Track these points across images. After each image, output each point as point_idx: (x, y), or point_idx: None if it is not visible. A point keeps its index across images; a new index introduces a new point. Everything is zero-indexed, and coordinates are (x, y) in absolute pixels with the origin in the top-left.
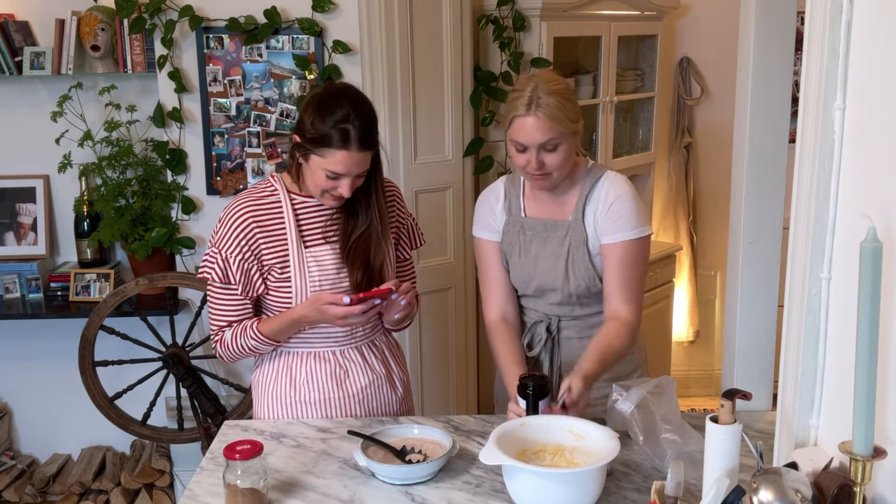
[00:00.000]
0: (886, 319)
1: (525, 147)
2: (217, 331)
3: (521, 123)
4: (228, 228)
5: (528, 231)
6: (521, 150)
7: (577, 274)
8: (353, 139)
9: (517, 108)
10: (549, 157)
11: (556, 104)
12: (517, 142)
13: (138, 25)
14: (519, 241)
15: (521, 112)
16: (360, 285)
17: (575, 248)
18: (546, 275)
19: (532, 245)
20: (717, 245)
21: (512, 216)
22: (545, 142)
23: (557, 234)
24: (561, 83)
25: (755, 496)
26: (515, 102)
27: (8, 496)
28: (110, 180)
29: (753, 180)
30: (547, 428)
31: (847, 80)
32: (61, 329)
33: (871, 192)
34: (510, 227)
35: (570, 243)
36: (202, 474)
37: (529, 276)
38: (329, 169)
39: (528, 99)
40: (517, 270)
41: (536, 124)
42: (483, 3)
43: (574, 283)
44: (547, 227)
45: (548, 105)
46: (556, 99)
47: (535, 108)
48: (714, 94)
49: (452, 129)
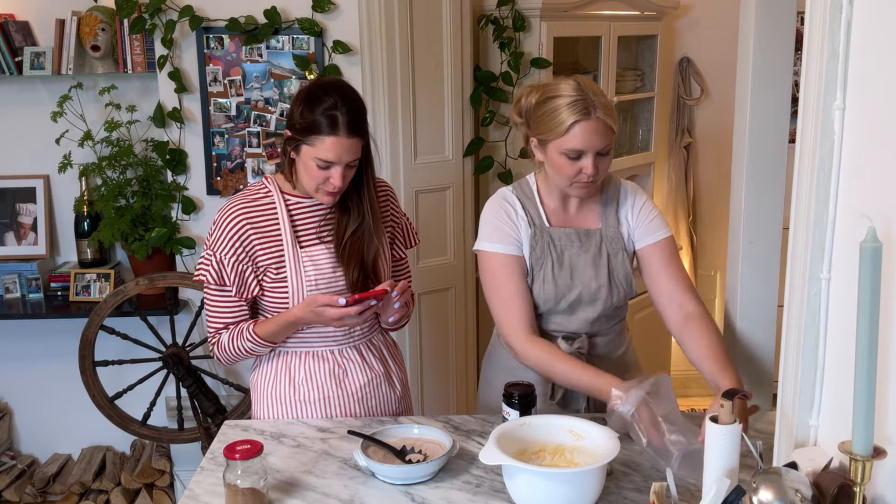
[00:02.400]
0: (886, 319)
1: (580, 153)
2: (214, 333)
3: (583, 128)
4: (222, 230)
5: (559, 241)
6: (575, 158)
7: (618, 281)
8: (341, 125)
9: (574, 113)
10: (602, 162)
11: (608, 104)
12: (574, 149)
13: (138, 25)
14: (550, 252)
15: (579, 117)
16: (356, 284)
17: (614, 255)
18: (587, 286)
19: (565, 256)
20: (717, 245)
21: (536, 227)
22: (604, 146)
23: (593, 241)
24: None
25: (755, 496)
26: (571, 108)
27: (8, 496)
28: (110, 180)
29: (753, 180)
30: (547, 428)
31: (847, 80)
32: (61, 329)
33: (871, 192)
34: (538, 239)
35: (608, 251)
36: (202, 474)
37: (567, 287)
38: (320, 157)
39: (586, 102)
40: (549, 284)
41: (599, 128)
42: (483, 3)
43: (616, 290)
44: (580, 236)
45: (604, 106)
46: (606, 99)
47: (595, 112)
48: (714, 94)
49: (452, 129)
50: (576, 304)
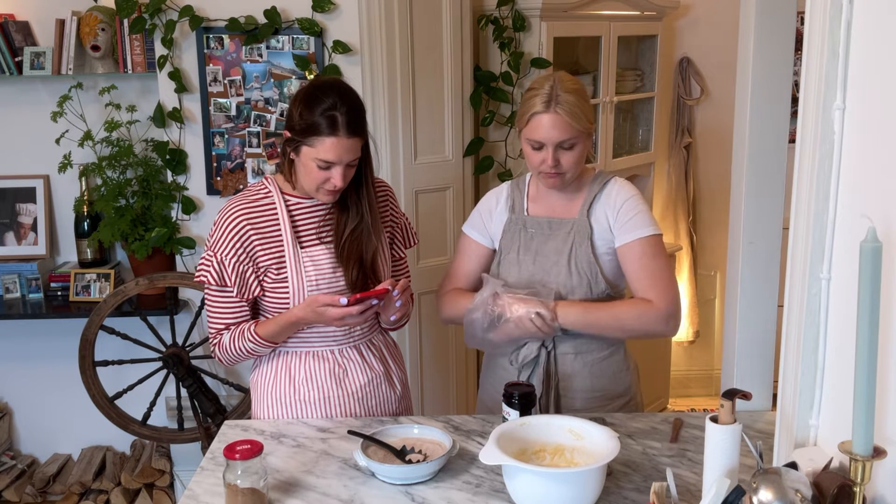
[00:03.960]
0: (886, 319)
1: (542, 145)
2: (215, 334)
3: (539, 120)
4: (223, 231)
5: (531, 228)
6: (537, 148)
7: (579, 270)
8: (340, 125)
9: (535, 105)
10: (564, 156)
11: (575, 102)
12: (534, 140)
13: (138, 25)
14: (519, 238)
15: (539, 109)
16: (355, 283)
17: (579, 244)
18: (547, 272)
19: (533, 242)
20: (717, 245)
21: (514, 214)
22: (563, 140)
23: (562, 230)
24: (578, 83)
25: (755, 496)
26: (534, 100)
27: (8, 496)
28: (110, 180)
29: (753, 180)
30: (547, 428)
31: (847, 80)
32: (61, 329)
33: (871, 192)
34: (511, 224)
35: (575, 238)
36: (202, 474)
37: (528, 272)
38: (320, 158)
39: (548, 96)
40: (514, 267)
41: (556, 121)
42: (483, 3)
43: (577, 279)
44: (552, 225)
45: (567, 102)
46: (575, 97)
47: (554, 105)
48: (714, 94)
49: (452, 129)
50: (539, 287)
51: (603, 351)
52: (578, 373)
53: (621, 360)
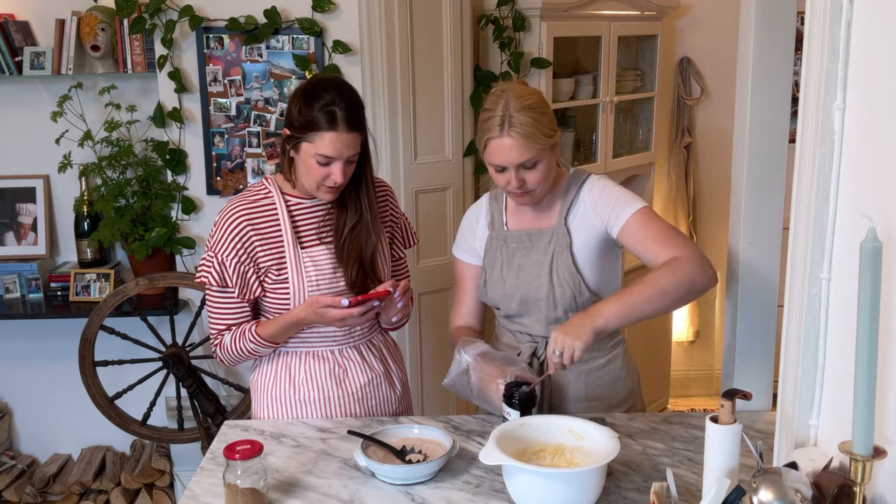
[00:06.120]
0: (886, 319)
1: (503, 168)
2: (216, 335)
3: (496, 145)
4: (223, 232)
5: (512, 243)
6: (500, 171)
7: (561, 280)
8: (340, 120)
9: (490, 129)
10: (529, 175)
11: (529, 121)
12: (493, 164)
13: (138, 25)
14: (502, 254)
15: (494, 134)
16: (355, 282)
17: (559, 254)
18: (529, 285)
19: (515, 257)
20: (717, 245)
21: (495, 230)
22: (523, 161)
23: (542, 241)
24: (532, 96)
25: (755, 496)
26: (487, 123)
27: (8, 496)
28: (110, 180)
29: (753, 180)
30: (547, 428)
31: (847, 80)
32: (61, 329)
33: (871, 192)
34: (493, 241)
35: (554, 249)
36: (202, 474)
37: (513, 288)
38: (320, 153)
39: (501, 119)
40: (499, 285)
41: (512, 145)
42: (483, 3)
43: (560, 290)
44: (531, 237)
45: (521, 123)
46: (529, 115)
47: (507, 129)
48: (714, 94)
49: (452, 129)
50: (525, 304)
51: (598, 360)
52: (572, 383)
53: (619, 367)
